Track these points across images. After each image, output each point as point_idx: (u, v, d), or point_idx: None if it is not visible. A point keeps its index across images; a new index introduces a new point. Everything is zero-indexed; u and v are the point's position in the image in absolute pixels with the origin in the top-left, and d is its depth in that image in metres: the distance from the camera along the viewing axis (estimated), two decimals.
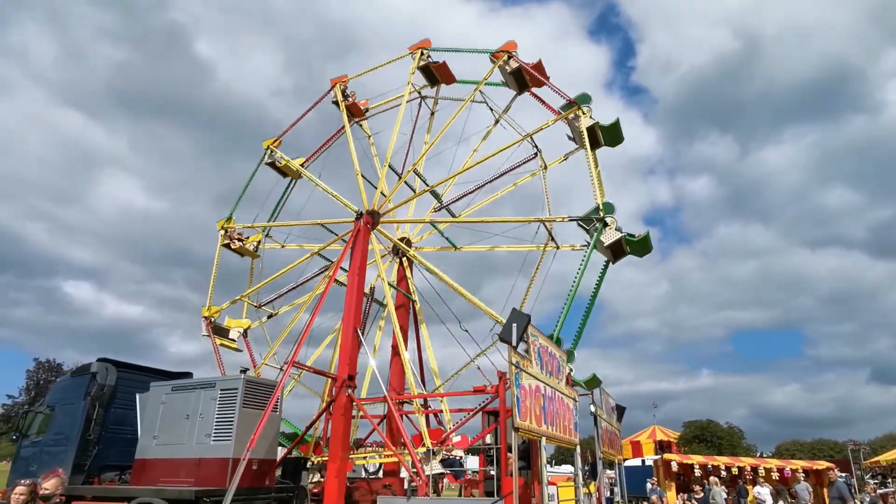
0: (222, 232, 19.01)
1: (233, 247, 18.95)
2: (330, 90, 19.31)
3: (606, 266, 13.66)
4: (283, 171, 19.73)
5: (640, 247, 13.53)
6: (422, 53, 18.10)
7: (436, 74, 18.36)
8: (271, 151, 19.33)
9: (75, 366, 15.00)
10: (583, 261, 13.16)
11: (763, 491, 20.59)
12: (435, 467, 11.92)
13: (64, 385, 13.20)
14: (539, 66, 16.37)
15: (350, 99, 18.94)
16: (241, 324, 18.64)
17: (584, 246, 13.56)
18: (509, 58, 16.27)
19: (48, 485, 5.66)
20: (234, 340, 18.53)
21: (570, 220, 14.08)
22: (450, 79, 18.49)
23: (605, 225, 13.21)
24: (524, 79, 16.50)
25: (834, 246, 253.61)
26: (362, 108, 19.43)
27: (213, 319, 18.25)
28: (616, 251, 13.41)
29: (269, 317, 18.96)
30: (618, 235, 13.07)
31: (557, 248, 16.41)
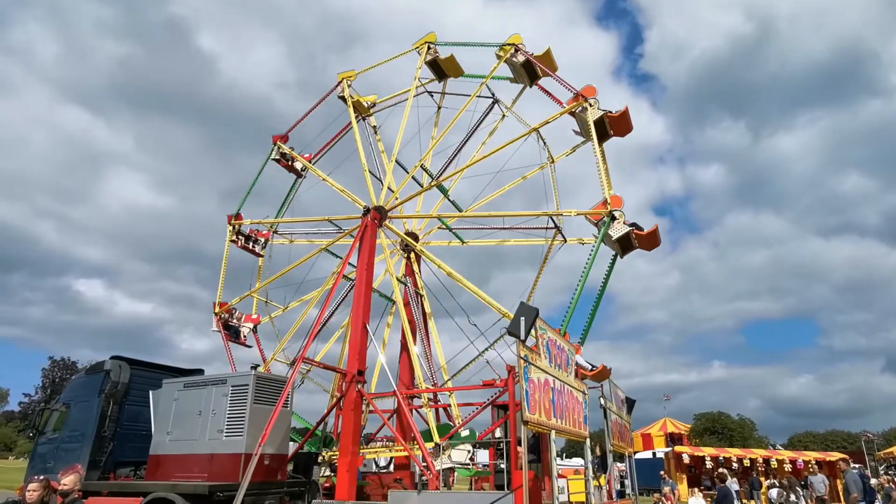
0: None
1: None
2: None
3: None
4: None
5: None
6: (428, 48, 18.07)
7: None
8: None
9: (89, 364, 15.19)
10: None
11: (773, 493, 20.41)
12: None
13: (79, 383, 13.39)
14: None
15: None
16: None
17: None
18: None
19: (67, 480, 5.76)
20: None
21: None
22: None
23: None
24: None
25: (848, 234, 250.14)
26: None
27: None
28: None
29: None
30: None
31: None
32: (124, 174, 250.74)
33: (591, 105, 14.43)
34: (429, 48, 18.01)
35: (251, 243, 19.30)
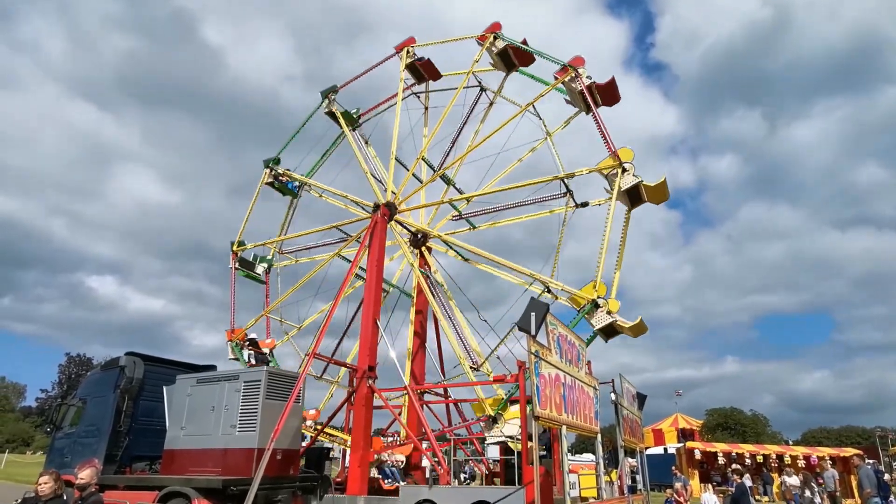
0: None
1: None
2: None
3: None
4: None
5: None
6: (407, 52, 18.05)
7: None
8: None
9: (104, 360, 15.38)
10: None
11: (790, 480, 20.36)
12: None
13: (94, 378, 13.58)
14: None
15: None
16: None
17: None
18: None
19: (84, 474, 5.82)
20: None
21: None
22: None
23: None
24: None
25: (865, 226, 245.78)
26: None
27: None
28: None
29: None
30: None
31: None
32: (133, 170, 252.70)
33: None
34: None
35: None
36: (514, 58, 16.45)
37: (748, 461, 27.82)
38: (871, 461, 20.53)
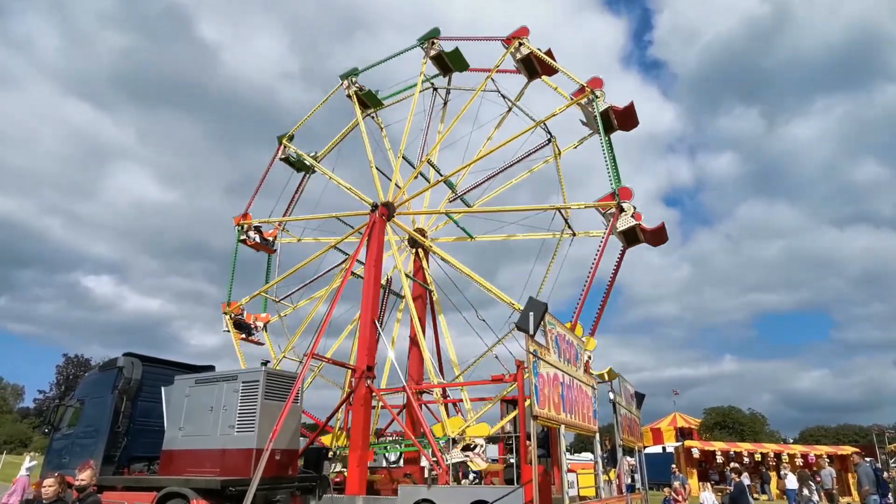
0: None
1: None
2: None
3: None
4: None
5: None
6: (432, 43, 18.04)
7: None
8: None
9: (102, 360, 15.38)
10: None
11: (790, 477, 20.44)
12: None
13: (92, 379, 13.57)
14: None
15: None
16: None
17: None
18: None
19: (83, 476, 5.85)
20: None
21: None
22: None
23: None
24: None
25: (864, 224, 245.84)
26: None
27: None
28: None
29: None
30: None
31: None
32: (129, 169, 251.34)
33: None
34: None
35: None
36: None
37: (746, 460, 27.93)
38: (868, 459, 20.60)
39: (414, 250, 17.93)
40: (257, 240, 19.08)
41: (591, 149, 15.65)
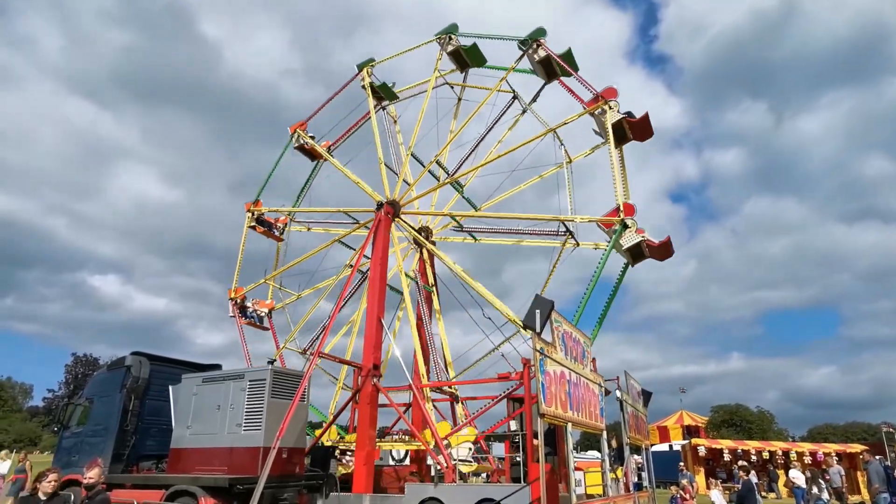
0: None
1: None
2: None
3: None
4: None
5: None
6: (449, 38, 18.00)
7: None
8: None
9: (110, 359, 15.51)
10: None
11: (797, 475, 20.31)
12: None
13: (101, 378, 13.65)
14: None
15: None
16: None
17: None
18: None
19: (92, 474, 5.89)
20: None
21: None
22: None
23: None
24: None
25: (872, 219, 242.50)
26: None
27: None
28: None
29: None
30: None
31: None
32: (132, 168, 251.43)
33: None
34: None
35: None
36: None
37: (754, 458, 27.77)
38: (878, 457, 20.46)
39: (418, 249, 17.92)
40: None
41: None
